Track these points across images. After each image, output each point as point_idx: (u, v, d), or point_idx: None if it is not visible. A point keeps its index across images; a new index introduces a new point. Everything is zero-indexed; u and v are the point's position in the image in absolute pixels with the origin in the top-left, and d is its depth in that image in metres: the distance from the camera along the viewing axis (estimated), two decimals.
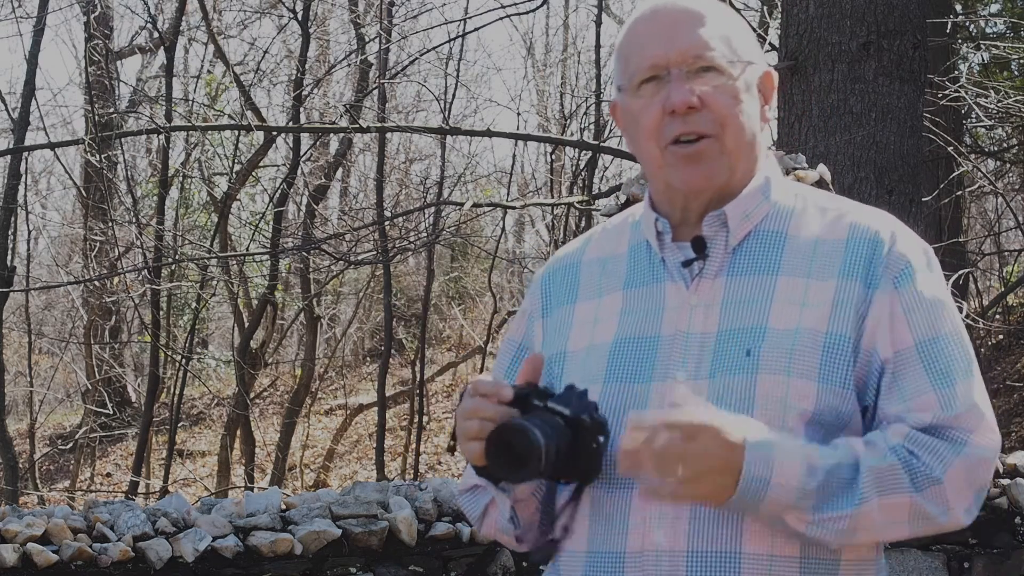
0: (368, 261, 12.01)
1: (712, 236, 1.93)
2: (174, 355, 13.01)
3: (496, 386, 1.82)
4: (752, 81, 1.94)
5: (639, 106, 1.93)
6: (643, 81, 1.92)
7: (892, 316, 1.87)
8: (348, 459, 15.45)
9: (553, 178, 15.49)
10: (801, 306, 1.88)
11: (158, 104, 13.19)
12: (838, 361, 1.86)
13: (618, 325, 1.96)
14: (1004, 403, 12.37)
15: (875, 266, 1.89)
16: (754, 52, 1.97)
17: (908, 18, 6.49)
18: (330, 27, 15.30)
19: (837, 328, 1.86)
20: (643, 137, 1.93)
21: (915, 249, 1.93)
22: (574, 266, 2.07)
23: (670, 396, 1.87)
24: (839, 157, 6.32)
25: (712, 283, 1.92)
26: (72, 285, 14.13)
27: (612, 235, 2.07)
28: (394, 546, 5.09)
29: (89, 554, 4.74)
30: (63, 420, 17.53)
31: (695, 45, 1.90)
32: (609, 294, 2.00)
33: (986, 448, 1.86)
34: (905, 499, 1.81)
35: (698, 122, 1.88)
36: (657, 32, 1.92)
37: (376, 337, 18.15)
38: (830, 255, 1.90)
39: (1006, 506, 5.46)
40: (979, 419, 1.86)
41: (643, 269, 1.99)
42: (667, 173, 1.92)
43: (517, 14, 9.82)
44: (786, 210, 1.96)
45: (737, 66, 1.91)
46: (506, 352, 2.12)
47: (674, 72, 1.89)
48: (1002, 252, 14.54)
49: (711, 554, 1.84)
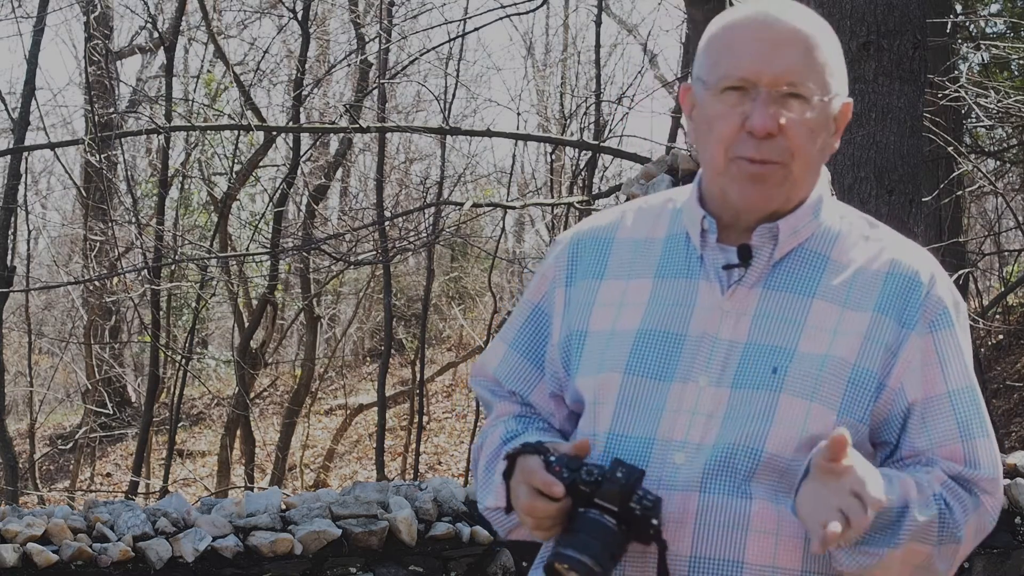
0: (368, 261, 12.01)
1: (759, 247, 1.91)
2: (174, 355, 13.01)
3: (547, 484, 1.81)
4: (832, 113, 1.92)
5: (718, 112, 1.89)
6: (728, 87, 1.88)
7: (924, 360, 1.88)
8: (348, 459, 15.45)
9: (553, 178, 15.48)
10: (833, 334, 1.87)
11: (158, 104, 13.18)
12: (860, 395, 1.87)
13: (644, 314, 1.93)
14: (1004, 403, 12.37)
15: (911, 307, 1.89)
16: (843, 83, 1.94)
17: (908, 18, 6.48)
18: (330, 27, 15.30)
19: (865, 363, 1.87)
20: (713, 142, 1.90)
21: (951, 295, 1.93)
22: (606, 241, 2.03)
23: (689, 398, 1.87)
24: (839, 157, 6.31)
25: (748, 292, 1.91)
26: (72, 285, 14.13)
27: (649, 217, 2.03)
28: (394, 546, 5.09)
29: (89, 554, 4.74)
30: (63, 420, 17.53)
31: (792, 71, 1.86)
32: (638, 279, 1.97)
33: (993, 517, 1.92)
34: (927, 549, 1.84)
35: (771, 149, 1.86)
36: (758, 45, 1.88)
37: (376, 337, 18.14)
38: (868, 287, 1.90)
39: (1006, 506, 5.47)
40: (996, 488, 1.91)
41: (678, 261, 1.96)
42: (726, 183, 1.90)
43: (517, 14, 9.83)
44: (832, 233, 1.95)
45: (826, 103, 1.89)
46: (521, 312, 2.09)
47: (763, 92, 1.85)
48: (1002, 252, 14.53)
49: (713, 561, 1.85)
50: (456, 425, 15.81)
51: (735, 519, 1.84)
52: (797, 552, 1.85)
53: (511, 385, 2.07)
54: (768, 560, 1.85)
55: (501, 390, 2.09)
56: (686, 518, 1.84)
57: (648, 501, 1.78)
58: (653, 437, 1.87)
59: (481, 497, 2.04)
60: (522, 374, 2.06)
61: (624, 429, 1.89)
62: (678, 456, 1.86)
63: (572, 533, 1.79)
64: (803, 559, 1.85)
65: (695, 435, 1.86)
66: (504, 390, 2.08)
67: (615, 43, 18.62)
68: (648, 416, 1.89)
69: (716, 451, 1.84)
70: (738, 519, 1.84)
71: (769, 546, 1.84)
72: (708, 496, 1.84)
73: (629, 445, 1.87)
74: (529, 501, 1.83)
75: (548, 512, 1.81)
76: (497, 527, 2.03)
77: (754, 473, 1.84)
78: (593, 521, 1.78)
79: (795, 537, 1.85)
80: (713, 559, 1.84)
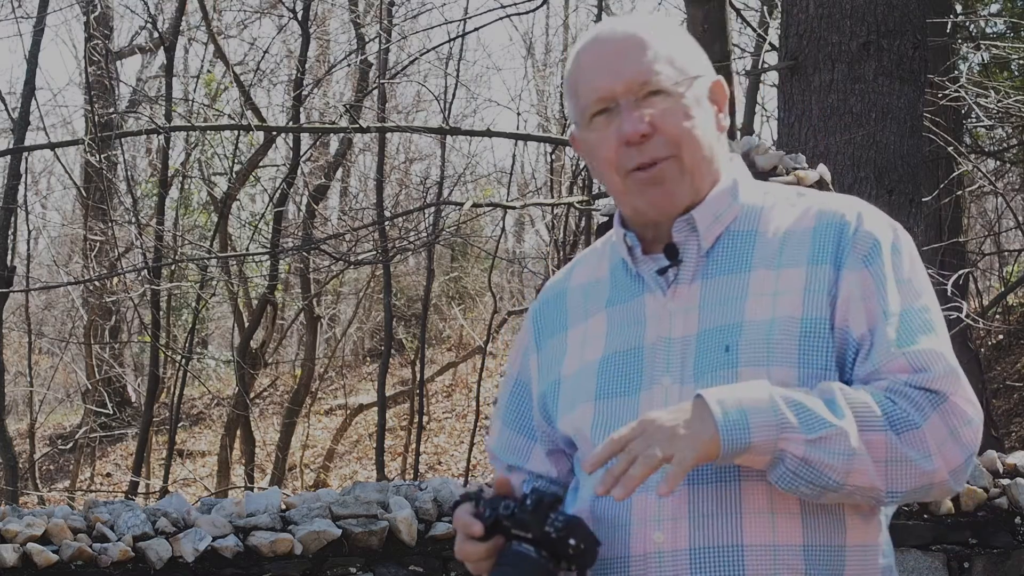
0: (368, 261, 12.00)
1: (683, 241, 1.94)
2: (174, 355, 13.01)
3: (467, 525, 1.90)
4: (702, 94, 1.95)
5: (595, 139, 1.95)
6: (594, 114, 1.94)
7: (864, 293, 1.87)
8: (348, 459, 15.45)
9: (553, 178, 15.49)
10: (773, 295, 1.89)
11: (158, 104, 13.18)
12: (817, 345, 1.87)
13: (605, 343, 1.98)
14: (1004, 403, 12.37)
15: (843, 247, 1.89)
16: (700, 64, 1.98)
17: (908, 18, 6.48)
18: (330, 27, 15.31)
19: (812, 312, 1.87)
20: (604, 168, 1.95)
21: (883, 227, 1.93)
22: (561, 294, 2.10)
23: (658, 402, 1.89)
24: (839, 157, 6.32)
25: (688, 287, 1.94)
26: (72, 285, 14.12)
27: (592, 259, 2.10)
28: (394, 546, 5.09)
29: (89, 554, 4.74)
30: (63, 420, 17.53)
31: (640, 72, 1.91)
32: (594, 316, 2.02)
33: (965, 409, 1.83)
34: (881, 437, 1.79)
35: (653, 148, 1.90)
36: (601, 63, 1.94)
37: (376, 337, 18.14)
38: (799, 244, 1.92)
39: (1006, 506, 5.46)
40: (956, 384, 1.84)
41: (623, 286, 2.01)
42: (632, 199, 1.94)
43: (517, 14, 9.83)
44: (755, 209, 1.98)
45: (683, 84, 1.93)
46: (505, 387, 2.17)
47: (623, 103, 1.91)
48: (1002, 252, 14.53)
49: (713, 549, 1.85)
50: (456, 425, 15.81)
51: (727, 504, 1.85)
52: (796, 527, 1.85)
53: (507, 460, 2.14)
54: (767, 539, 1.85)
55: (501, 465, 2.17)
56: (680, 514, 1.86)
57: (559, 522, 1.85)
58: None
59: None
60: (515, 446, 2.13)
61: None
62: None
63: (499, 567, 1.89)
64: (803, 534, 1.85)
65: None
66: (503, 465, 2.16)
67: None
68: None
69: None
70: (730, 503, 1.85)
71: (766, 525, 1.85)
72: (696, 488, 1.85)
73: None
74: (459, 545, 1.93)
75: (478, 553, 1.90)
76: None
77: None
78: (515, 553, 1.87)
79: (790, 513, 1.85)
80: (712, 547, 1.85)
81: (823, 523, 1.86)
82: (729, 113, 2.15)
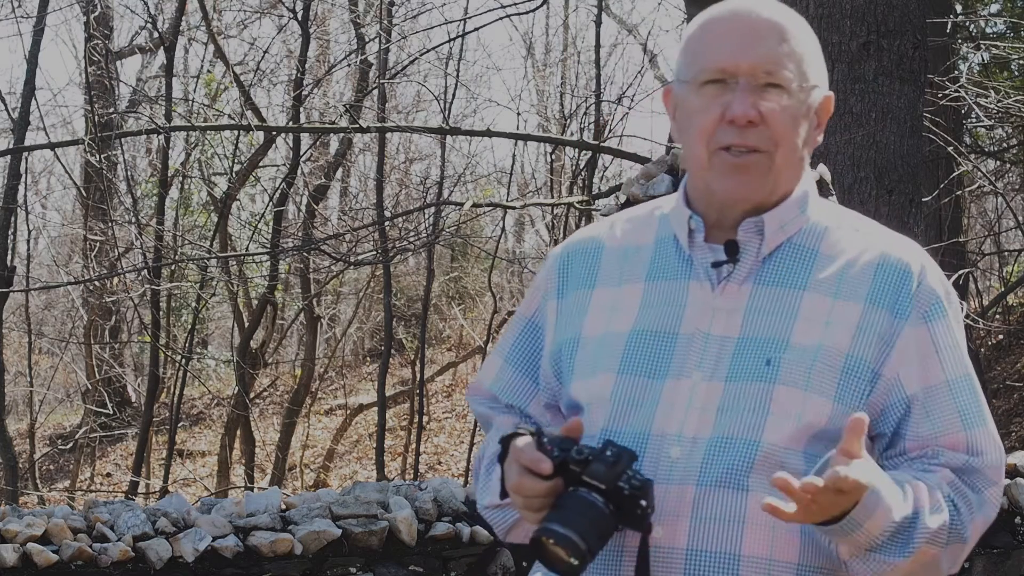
0: (368, 261, 12.00)
1: (746, 242, 1.92)
2: (174, 355, 13.01)
3: (535, 460, 1.81)
4: (813, 105, 1.93)
5: (698, 105, 1.91)
6: (708, 81, 1.90)
7: (921, 351, 1.89)
8: (348, 459, 15.45)
9: (553, 178, 15.48)
10: (825, 325, 1.88)
11: (158, 104, 13.17)
12: (855, 384, 1.87)
13: (636, 316, 1.95)
14: (1004, 403, 12.38)
15: (903, 298, 1.90)
16: (822, 75, 1.95)
17: (908, 18, 6.48)
18: (330, 27, 15.30)
19: (859, 352, 1.87)
20: (695, 136, 1.91)
21: (942, 286, 1.94)
22: (596, 251, 2.05)
23: (683, 394, 1.87)
24: (839, 157, 6.31)
25: (739, 288, 1.92)
26: (72, 285, 14.13)
27: (638, 225, 2.05)
28: (394, 546, 5.09)
29: (89, 554, 4.74)
30: (63, 420, 17.53)
31: (769, 60, 1.88)
32: (629, 284, 1.98)
33: (996, 506, 1.93)
34: (935, 551, 1.85)
35: (754, 136, 1.88)
36: (734, 37, 1.90)
37: (376, 337, 18.14)
38: (858, 278, 1.91)
39: (1006, 506, 5.47)
40: (1000, 476, 1.91)
41: (668, 263, 1.97)
42: (711, 177, 1.91)
43: (517, 14, 9.83)
44: (820, 227, 1.96)
45: (804, 90, 1.91)
46: (514, 326, 2.11)
47: (742, 82, 1.87)
48: (1002, 252, 14.53)
49: (710, 554, 1.85)
50: (456, 425, 15.81)
51: (731, 512, 1.84)
52: (794, 545, 1.85)
53: (508, 399, 2.09)
54: (765, 553, 1.85)
55: (499, 405, 2.11)
56: (682, 511, 1.85)
57: (637, 481, 1.79)
58: (648, 432, 1.88)
59: (480, 497, 2.04)
60: (518, 387, 2.08)
61: (619, 426, 1.90)
62: (674, 450, 1.86)
63: (559, 509, 1.79)
64: (800, 552, 1.86)
65: (690, 429, 1.86)
66: (502, 404, 2.10)
67: (615, 43, 18.64)
68: (643, 412, 1.89)
69: (712, 444, 1.85)
70: (734, 512, 1.84)
71: (766, 539, 1.85)
72: (704, 489, 1.85)
73: (624, 441, 1.87)
74: (518, 479, 1.83)
75: (536, 490, 1.81)
76: (496, 527, 2.03)
77: (752, 466, 1.84)
78: (581, 499, 1.79)
79: (792, 531, 1.85)
80: (709, 552, 1.85)
81: (820, 544, 1.86)
82: None
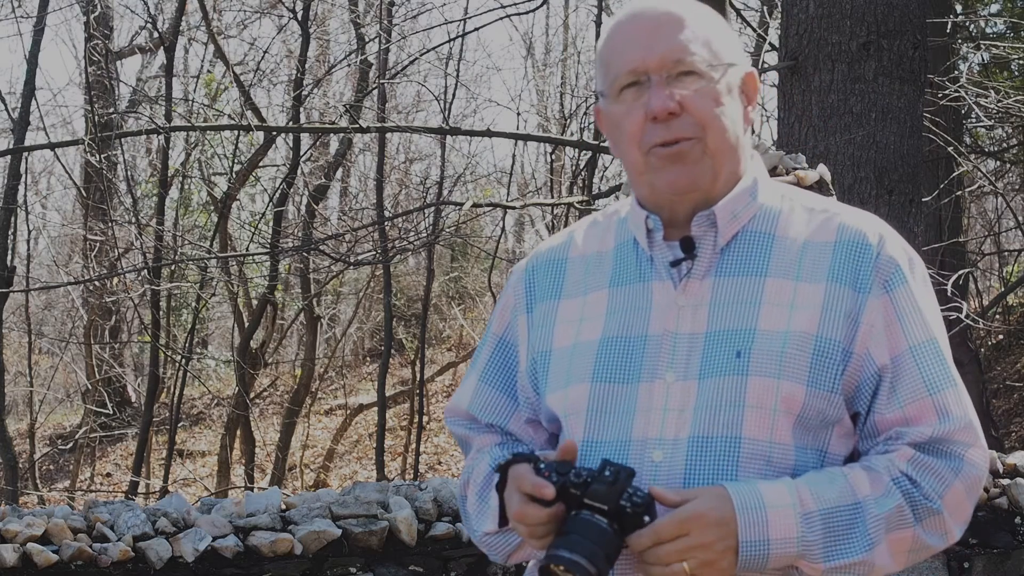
0: (368, 261, 12.00)
1: (700, 236, 1.92)
2: (174, 355, 13.01)
3: (537, 487, 1.81)
4: (734, 83, 1.94)
5: (621, 112, 1.92)
6: (624, 87, 1.91)
7: (886, 321, 1.88)
8: (348, 459, 15.45)
9: (553, 178, 15.49)
10: (790, 308, 1.88)
11: (158, 104, 13.18)
12: (827, 365, 1.86)
13: (604, 323, 1.95)
14: (1004, 403, 12.38)
15: (864, 271, 1.89)
16: (736, 53, 1.96)
17: (908, 18, 6.48)
18: (330, 27, 15.30)
19: (827, 332, 1.87)
20: (626, 143, 1.93)
21: (902, 253, 1.93)
22: (559, 261, 2.06)
23: (658, 396, 1.87)
24: (839, 157, 6.32)
25: (700, 284, 1.92)
26: (72, 285, 14.12)
27: (597, 232, 2.06)
28: (394, 546, 5.09)
29: (89, 554, 4.74)
30: (63, 420, 17.53)
31: (675, 50, 1.89)
32: (594, 292, 1.99)
33: (980, 465, 1.90)
34: (908, 533, 1.84)
35: (679, 127, 1.88)
36: (637, 37, 1.91)
37: (376, 337, 18.14)
38: (818, 257, 1.91)
39: (1006, 506, 5.46)
40: (975, 436, 1.89)
41: (630, 267, 1.98)
42: (651, 177, 1.91)
43: (517, 14, 9.81)
44: (773, 211, 1.96)
45: (718, 69, 1.91)
46: (487, 346, 2.11)
47: (654, 78, 1.88)
48: (1002, 252, 14.54)
49: None
50: None
51: None
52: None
53: (488, 419, 2.08)
54: None
55: (478, 425, 2.10)
56: None
57: (638, 498, 1.78)
58: (628, 439, 1.88)
59: (477, 526, 2.03)
60: (497, 406, 2.07)
61: (598, 435, 1.90)
62: (656, 454, 1.86)
63: (565, 535, 1.79)
64: None
65: (669, 431, 1.86)
66: (481, 425, 2.10)
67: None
68: (620, 419, 1.89)
69: (693, 443, 1.85)
70: None
71: None
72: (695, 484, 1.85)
73: (605, 450, 1.88)
74: (520, 507, 1.83)
75: (540, 518, 1.81)
76: (496, 555, 2.03)
77: (738, 462, 1.84)
78: (585, 522, 1.78)
79: None
80: None
81: None
82: None
